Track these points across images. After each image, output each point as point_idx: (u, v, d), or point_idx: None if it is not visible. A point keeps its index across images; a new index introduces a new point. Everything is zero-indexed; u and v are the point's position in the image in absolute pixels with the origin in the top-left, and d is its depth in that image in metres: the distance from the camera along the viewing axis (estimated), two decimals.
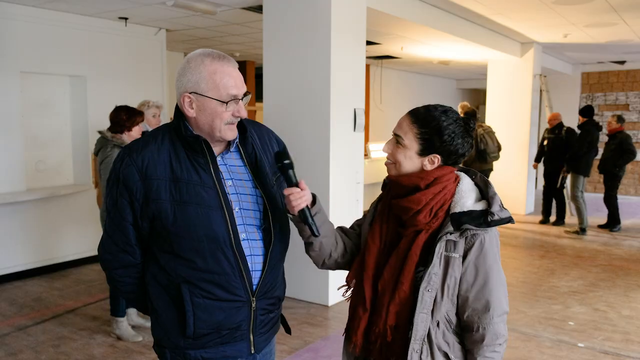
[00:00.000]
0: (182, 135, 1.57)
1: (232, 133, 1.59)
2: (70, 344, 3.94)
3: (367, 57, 8.88)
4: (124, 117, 3.87)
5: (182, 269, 1.56)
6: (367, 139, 9.07)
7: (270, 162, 1.70)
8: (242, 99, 1.58)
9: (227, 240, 1.55)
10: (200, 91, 1.53)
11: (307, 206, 1.59)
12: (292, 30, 4.69)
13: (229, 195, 1.59)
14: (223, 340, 1.62)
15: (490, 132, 7.14)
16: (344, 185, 4.81)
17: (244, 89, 1.58)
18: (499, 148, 7.22)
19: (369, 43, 7.56)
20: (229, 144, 1.64)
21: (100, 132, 3.94)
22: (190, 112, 1.56)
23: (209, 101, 1.53)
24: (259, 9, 5.42)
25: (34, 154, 5.78)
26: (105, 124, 4.01)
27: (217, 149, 1.62)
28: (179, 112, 1.60)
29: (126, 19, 6.09)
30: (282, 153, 1.62)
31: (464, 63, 10.14)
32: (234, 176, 1.62)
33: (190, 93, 1.54)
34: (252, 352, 1.67)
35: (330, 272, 4.66)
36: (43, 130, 5.88)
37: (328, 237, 1.69)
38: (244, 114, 1.59)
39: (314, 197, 1.64)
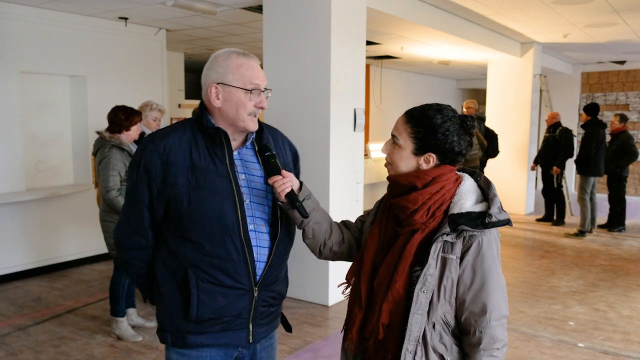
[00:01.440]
0: (203, 127, 1.67)
1: (253, 124, 1.70)
2: (70, 344, 3.95)
3: (367, 57, 8.88)
4: (121, 116, 3.87)
5: (191, 253, 1.65)
6: (367, 139, 9.07)
7: (282, 163, 1.79)
8: (263, 92, 1.70)
9: (236, 228, 1.64)
10: (227, 82, 1.65)
11: (292, 190, 1.66)
12: (292, 31, 4.69)
13: (241, 188, 1.68)
14: (224, 327, 1.69)
15: None
16: (344, 185, 4.81)
17: (266, 83, 1.71)
18: (482, 147, 7.16)
19: (369, 43, 7.56)
20: (245, 140, 1.74)
21: (98, 132, 3.94)
22: (216, 103, 1.66)
23: (235, 90, 1.65)
24: (259, 9, 5.43)
25: (34, 154, 5.78)
26: (106, 124, 4.01)
27: (234, 143, 1.72)
28: (203, 106, 1.72)
29: (126, 19, 6.09)
30: (266, 146, 1.71)
31: (464, 63, 10.14)
32: (248, 171, 1.72)
33: (217, 84, 1.65)
34: (250, 341, 1.74)
35: (330, 272, 4.66)
36: (43, 130, 5.88)
37: (320, 223, 1.73)
38: (265, 105, 1.70)
39: (301, 184, 1.71)
